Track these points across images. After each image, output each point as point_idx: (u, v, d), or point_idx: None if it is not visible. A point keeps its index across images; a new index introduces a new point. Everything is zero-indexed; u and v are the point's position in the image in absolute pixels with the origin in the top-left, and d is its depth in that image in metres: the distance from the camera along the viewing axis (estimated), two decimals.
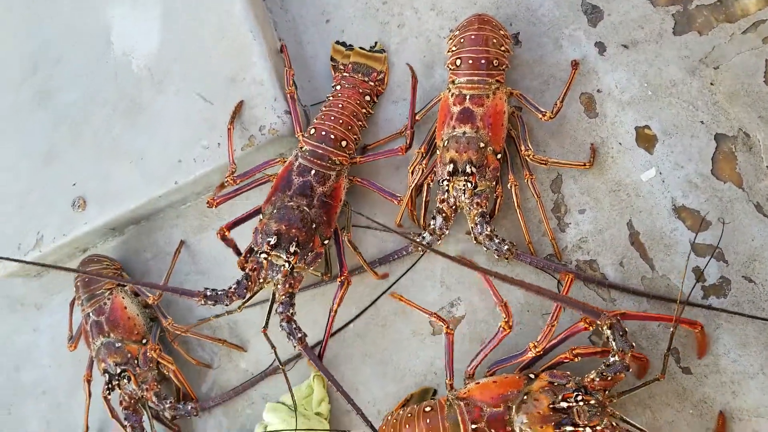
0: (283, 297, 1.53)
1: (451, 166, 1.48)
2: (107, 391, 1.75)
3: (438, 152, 1.53)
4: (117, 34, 1.87)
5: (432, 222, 1.53)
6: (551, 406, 1.29)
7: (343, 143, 1.60)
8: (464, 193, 1.47)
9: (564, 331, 1.37)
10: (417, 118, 1.62)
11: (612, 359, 1.26)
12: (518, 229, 1.50)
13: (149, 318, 1.84)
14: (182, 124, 1.75)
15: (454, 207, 1.51)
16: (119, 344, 1.75)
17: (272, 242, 1.51)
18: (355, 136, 1.64)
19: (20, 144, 1.94)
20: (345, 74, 1.71)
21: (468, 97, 1.48)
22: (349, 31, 1.75)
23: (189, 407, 1.73)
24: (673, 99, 1.45)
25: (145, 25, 1.82)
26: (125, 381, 1.73)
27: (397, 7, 1.71)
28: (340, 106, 1.63)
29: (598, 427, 1.26)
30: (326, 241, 1.57)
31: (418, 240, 1.55)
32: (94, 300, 1.79)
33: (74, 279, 1.85)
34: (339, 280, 1.55)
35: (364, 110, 1.66)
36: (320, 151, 1.58)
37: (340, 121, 1.61)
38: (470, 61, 1.48)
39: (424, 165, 1.56)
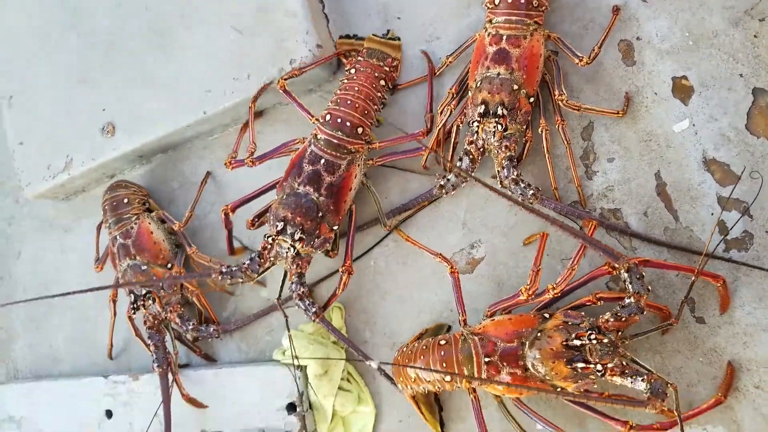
0: (294, 277, 1.59)
1: (483, 107, 1.49)
2: (132, 311, 1.84)
3: (470, 93, 1.54)
4: None
5: (458, 163, 1.56)
6: (564, 343, 1.35)
7: (359, 130, 1.61)
8: (493, 136, 1.49)
9: (585, 275, 1.42)
10: (451, 59, 1.63)
11: (627, 301, 1.31)
12: (545, 175, 1.53)
13: (174, 245, 1.91)
14: (212, 54, 1.77)
15: (481, 149, 1.53)
16: (145, 267, 1.82)
17: (279, 228, 1.57)
18: (370, 121, 1.65)
19: (53, 66, 1.98)
20: (359, 59, 1.70)
21: (505, 37, 1.48)
22: None
23: (211, 329, 1.81)
24: (714, 50, 1.44)
25: None
26: (150, 302, 1.81)
27: None
28: (356, 89, 1.64)
29: (609, 365, 1.33)
30: (335, 227, 1.62)
31: (442, 182, 1.59)
32: (121, 223, 1.85)
33: (102, 202, 1.91)
34: (341, 270, 1.61)
35: (379, 94, 1.66)
36: (335, 141, 1.60)
37: (356, 106, 1.62)
38: (509, 0, 1.48)
39: (453, 106, 1.57)
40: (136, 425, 1.90)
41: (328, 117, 1.62)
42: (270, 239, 1.58)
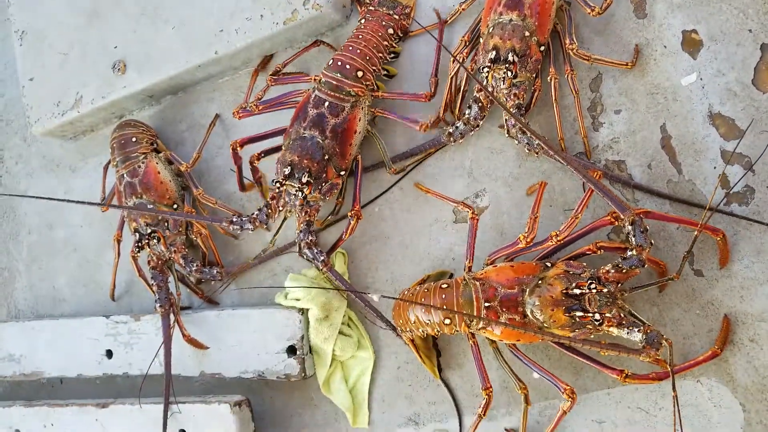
0: (302, 225, 1.63)
1: (494, 53, 1.52)
2: (136, 250, 1.88)
3: (481, 40, 1.57)
4: None
5: (467, 111, 1.59)
6: (564, 291, 1.39)
7: (359, 74, 1.65)
8: (503, 82, 1.52)
9: (588, 225, 1.45)
10: (464, 7, 1.66)
11: (630, 253, 1.34)
12: (552, 126, 1.56)
13: (181, 186, 1.94)
14: None
15: (490, 97, 1.56)
16: (151, 206, 1.85)
17: (287, 173, 1.61)
18: (374, 68, 1.69)
19: (67, 1, 2.00)
20: (371, 8, 1.75)
21: None
22: None
23: (214, 271, 1.85)
24: (725, 4, 1.46)
25: None
26: (154, 241, 1.84)
27: None
28: (361, 37, 1.68)
29: (607, 315, 1.36)
30: (342, 173, 1.65)
31: (451, 130, 1.62)
32: (128, 162, 1.88)
33: (110, 140, 1.94)
34: (350, 214, 1.65)
35: (386, 43, 1.70)
36: (335, 83, 1.64)
37: (358, 51, 1.66)
38: None
39: (465, 54, 1.60)
40: (136, 366, 1.94)
41: (331, 61, 1.67)
42: (278, 185, 1.62)
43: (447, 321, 1.49)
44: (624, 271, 1.35)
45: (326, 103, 1.63)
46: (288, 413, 1.81)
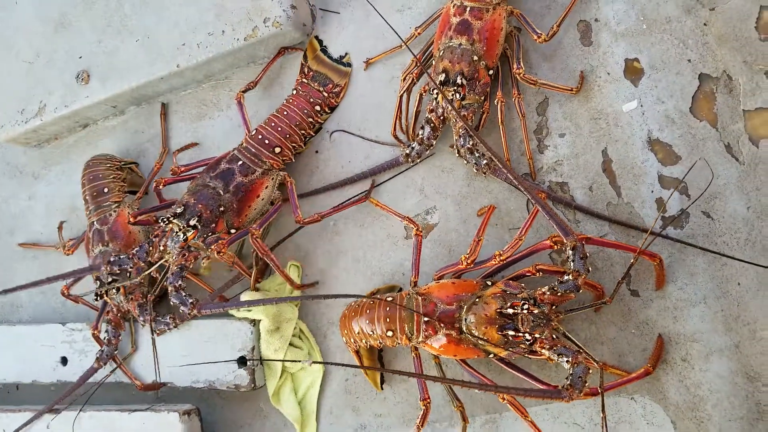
0: (175, 268, 1.68)
1: (443, 75, 1.61)
2: (96, 298, 1.88)
3: (433, 62, 1.66)
4: None
5: (420, 132, 1.69)
6: (498, 310, 1.46)
7: (277, 149, 1.78)
8: (452, 104, 1.62)
9: (530, 247, 1.54)
10: (419, 31, 1.75)
11: (566, 278, 1.42)
12: (499, 147, 1.65)
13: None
14: (190, 8, 1.89)
15: (442, 118, 1.66)
16: (115, 254, 1.87)
17: (178, 212, 1.69)
18: (293, 144, 1.81)
19: (35, 8, 2.09)
20: (304, 81, 1.88)
21: (468, 9, 1.61)
22: None
23: (167, 319, 1.86)
24: (666, 35, 1.57)
25: None
26: (114, 291, 1.88)
27: None
28: (286, 113, 1.81)
29: (538, 336, 1.44)
30: (233, 230, 1.73)
31: (407, 151, 1.71)
32: (100, 210, 1.95)
33: (82, 176, 2.00)
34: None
35: (310, 119, 1.83)
36: (254, 150, 1.77)
37: (280, 129, 1.79)
38: None
39: (415, 74, 1.70)
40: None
41: (254, 131, 1.80)
42: (165, 221, 1.68)
43: (389, 333, 1.57)
44: (559, 294, 1.43)
45: (239, 162, 1.75)
46: (238, 423, 1.88)
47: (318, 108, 1.84)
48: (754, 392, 1.45)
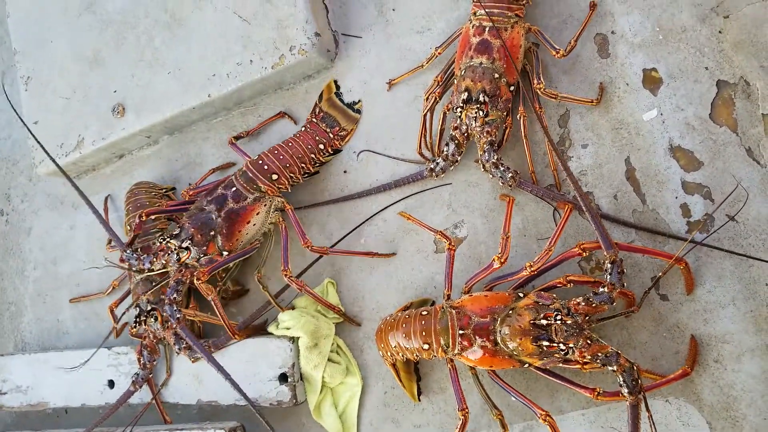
0: (172, 282, 1.83)
1: (466, 94, 1.72)
2: (135, 326, 2.04)
3: (455, 81, 1.77)
4: None
5: (445, 148, 1.79)
6: (532, 321, 1.55)
7: (274, 177, 1.90)
8: (476, 121, 1.72)
9: (559, 255, 1.63)
10: (439, 51, 1.86)
11: (602, 289, 1.50)
12: (524, 160, 1.75)
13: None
14: (218, 40, 2.02)
15: (466, 134, 1.76)
16: (154, 283, 2.01)
17: (175, 232, 1.85)
18: (291, 175, 1.92)
19: (70, 46, 2.25)
20: (313, 120, 2.01)
21: (487, 28, 1.71)
22: None
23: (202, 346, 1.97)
24: (682, 44, 1.66)
25: None
26: (152, 320, 2.01)
27: None
28: (290, 144, 1.94)
29: (572, 345, 1.52)
30: (224, 252, 1.87)
31: (431, 166, 1.82)
32: (145, 238, 2.08)
33: (126, 202, 2.16)
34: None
35: (313, 155, 1.95)
36: (251, 175, 1.90)
37: (281, 158, 1.91)
38: None
39: (437, 93, 1.80)
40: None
41: (257, 157, 1.93)
42: (162, 240, 1.84)
43: (425, 346, 1.67)
44: (594, 305, 1.51)
45: (233, 189, 1.89)
46: None
47: (322, 147, 1.97)
48: None
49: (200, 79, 2.02)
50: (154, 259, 1.83)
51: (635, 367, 1.47)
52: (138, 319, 2.05)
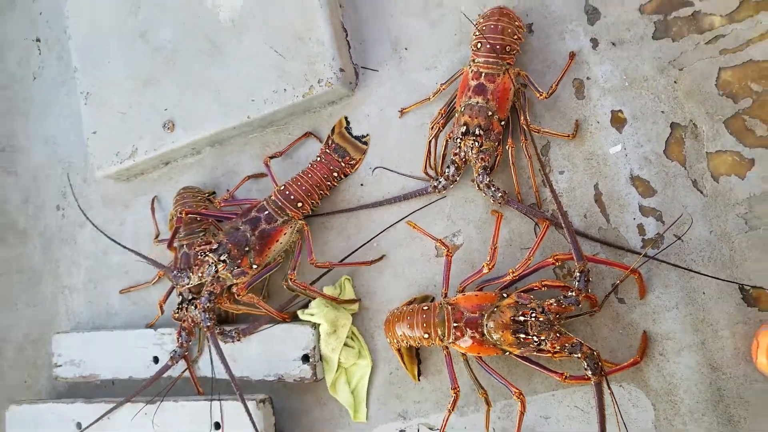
0: (205, 293, 2.26)
1: (465, 127, 2.10)
2: (177, 312, 2.44)
3: (456, 115, 2.15)
4: None
5: (446, 170, 2.17)
6: (512, 318, 1.94)
7: (299, 204, 2.31)
8: (472, 150, 2.10)
9: (537, 264, 2.01)
10: (444, 87, 2.23)
11: (570, 293, 1.89)
12: (511, 181, 2.13)
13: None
14: (256, 69, 2.40)
15: (464, 160, 2.14)
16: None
17: (213, 247, 2.25)
18: (312, 201, 2.33)
19: (125, 67, 2.64)
20: (327, 150, 2.40)
21: (483, 74, 2.09)
22: (398, 3, 2.35)
23: (233, 333, 2.35)
24: (644, 91, 2.03)
25: None
26: (192, 308, 2.41)
27: None
28: (309, 175, 2.34)
29: (544, 338, 1.89)
30: (254, 266, 2.27)
31: (435, 184, 2.20)
32: (190, 236, 2.47)
33: (174, 201, 2.54)
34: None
35: (328, 182, 2.36)
36: (280, 203, 2.30)
37: (304, 188, 2.32)
38: (488, 46, 2.08)
39: (441, 124, 2.19)
40: (178, 369, 2.54)
41: (282, 187, 2.33)
42: (203, 254, 2.24)
43: (426, 336, 2.06)
44: (563, 305, 1.89)
45: (266, 212, 2.30)
46: (302, 410, 2.40)
47: (335, 174, 2.37)
48: (716, 380, 1.90)
49: (240, 103, 2.41)
50: (191, 274, 2.24)
51: (596, 353, 1.86)
52: (180, 306, 2.46)
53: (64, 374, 2.75)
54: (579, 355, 1.87)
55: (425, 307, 2.09)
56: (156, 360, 2.59)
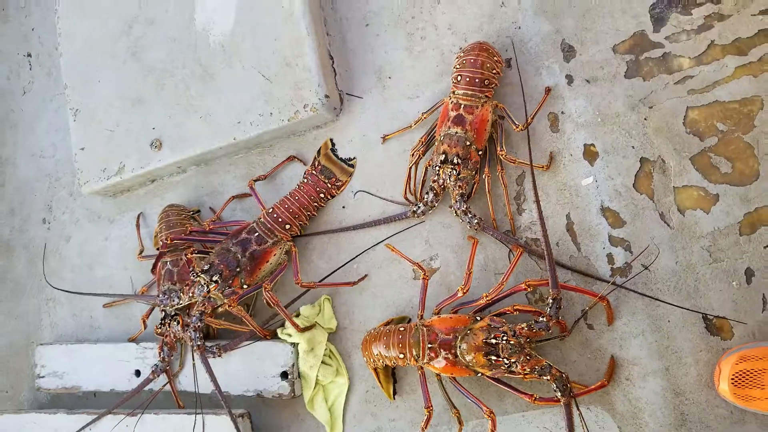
0: (196, 312, 2.31)
1: (444, 156, 2.17)
2: (160, 327, 2.48)
3: (435, 143, 2.22)
4: (200, 11, 2.56)
5: (425, 196, 2.24)
6: (485, 340, 2.00)
7: (287, 226, 2.37)
8: (450, 178, 2.17)
9: (510, 289, 2.08)
10: (425, 116, 2.31)
11: (541, 319, 1.96)
12: (487, 209, 2.20)
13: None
14: (244, 93, 2.46)
15: (442, 187, 2.21)
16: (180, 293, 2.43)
17: (205, 268, 2.30)
18: (300, 222, 2.40)
19: (115, 86, 2.68)
20: (313, 172, 2.47)
21: (462, 106, 2.16)
22: (383, 36, 2.43)
23: (214, 349, 2.40)
24: (615, 126, 2.11)
25: (223, 9, 2.51)
26: (175, 323, 2.45)
27: (422, 22, 2.38)
28: (296, 198, 2.41)
29: (514, 360, 1.95)
30: (245, 286, 2.34)
31: (414, 209, 2.27)
32: (175, 253, 2.52)
33: (159, 220, 2.58)
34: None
35: (315, 204, 2.43)
36: (268, 225, 2.36)
37: (291, 210, 2.38)
38: (467, 79, 2.16)
39: (421, 151, 2.26)
40: (159, 383, 2.58)
41: (270, 210, 2.40)
42: (195, 275, 2.30)
43: (401, 356, 2.12)
44: (534, 330, 1.96)
45: (256, 234, 2.36)
46: (280, 425, 2.44)
47: (322, 195, 2.43)
48: (680, 404, 1.98)
49: (227, 124, 2.47)
50: (182, 294, 2.29)
51: (564, 376, 1.93)
52: (163, 321, 2.50)
53: (47, 385, 2.77)
54: (548, 377, 1.93)
55: (401, 328, 2.15)
56: (138, 373, 2.63)
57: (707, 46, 2.04)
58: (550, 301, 1.94)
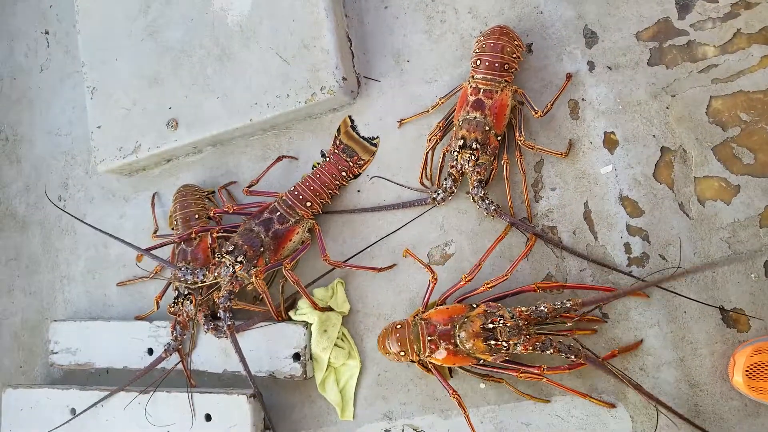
0: (224, 293, 2.27)
1: (462, 141, 2.13)
2: (173, 306, 2.45)
3: (454, 129, 2.18)
4: None
5: (444, 182, 2.20)
6: (482, 326, 1.96)
7: (308, 204, 2.33)
8: (469, 163, 2.13)
9: (516, 288, 2.05)
10: (443, 101, 2.26)
11: (542, 307, 1.91)
12: (504, 195, 2.16)
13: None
14: (261, 74, 2.42)
15: (460, 172, 2.17)
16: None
17: (229, 249, 2.27)
18: (321, 200, 2.36)
19: (132, 65, 2.65)
20: (335, 151, 2.42)
21: (482, 90, 2.12)
22: (402, 18, 2.38)
23: (224, 328, 2.35)
24: (636, 115, 2.06)
25: None
26: (188, 302, 2.43)
27: (442, 5, 2.33)
28: (318, 176, 2.37)
29: (514, 342, 1.91)
30: (268, 264, 2.30)
31: (434, 195, 2.22)
32: (186, 219, 2.49)
33: (174, 200, 2.55)
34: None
35: (337, 182, 2.39)
36: (290, 203, 2.33)
37: (312, 188, 2.35)
38: (487, 63, 2.11)
39: (438, 136, 2.22)
40: (171, 362, 2.56)
41: (292, 188, 2.36)
42: (219, 255, 2.27)
43: (402, 353, 2.08)
44: (533, 316, 1.93)
45: (278, 213, 2.33)
46: (291, 406, 2.42)
47: (344, 174, 2.39)
48: (694, 396, 1.95)
49: (244, 106, 2.43)
50: (207, 273, 2.26)
51: (572, 342, 1.91)
52: (176, 300, 2.47)
53: (60, 361, 2.76)
54: (551, 350, 1.90)
55: (399, 326, 2.10)
56: (150, 352, 2.61)
57: (733, 35, 1.99)
58: (567, 304, 1.90)
